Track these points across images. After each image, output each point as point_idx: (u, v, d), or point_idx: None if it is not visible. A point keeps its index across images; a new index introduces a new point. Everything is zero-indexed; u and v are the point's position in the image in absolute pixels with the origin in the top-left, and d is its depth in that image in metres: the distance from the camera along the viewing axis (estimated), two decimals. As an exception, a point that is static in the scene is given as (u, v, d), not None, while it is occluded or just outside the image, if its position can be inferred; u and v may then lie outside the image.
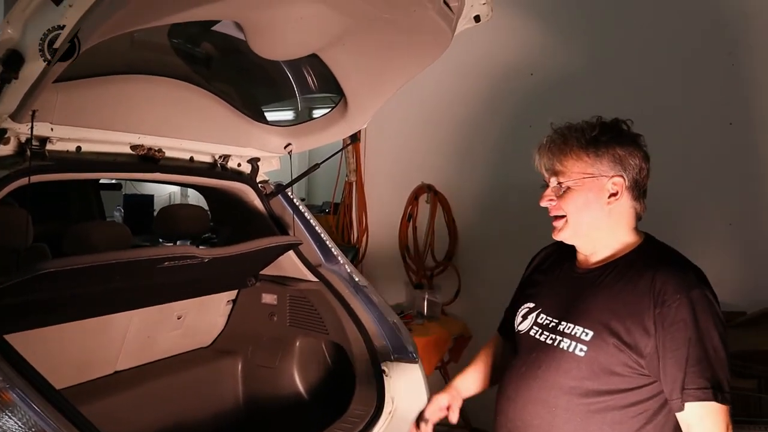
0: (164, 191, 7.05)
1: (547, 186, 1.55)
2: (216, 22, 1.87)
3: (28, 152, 1.72)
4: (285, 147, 2.47)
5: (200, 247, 2.62)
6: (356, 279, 2.54)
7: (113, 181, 6.29)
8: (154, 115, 2.04)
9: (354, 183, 4.37)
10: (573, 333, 1.47)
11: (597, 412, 1.43)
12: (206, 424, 2.59)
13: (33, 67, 1.35)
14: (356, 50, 1.96)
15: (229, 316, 2.80)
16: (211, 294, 2.63)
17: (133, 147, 2.07)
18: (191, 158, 2.33)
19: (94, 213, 4.25)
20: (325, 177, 5.10)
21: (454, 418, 1.79)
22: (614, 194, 1.48)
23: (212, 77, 2.23)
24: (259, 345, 2.72)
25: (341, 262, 2.58)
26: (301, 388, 2.63)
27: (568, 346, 1.47)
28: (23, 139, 1.75)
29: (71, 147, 1.87)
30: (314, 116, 2.45)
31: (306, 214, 2.64)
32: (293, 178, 2.56)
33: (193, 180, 2.40)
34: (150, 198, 6.77)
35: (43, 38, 1.29)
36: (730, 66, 3.51)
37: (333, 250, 2.60)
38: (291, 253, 2.51)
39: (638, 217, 1.55)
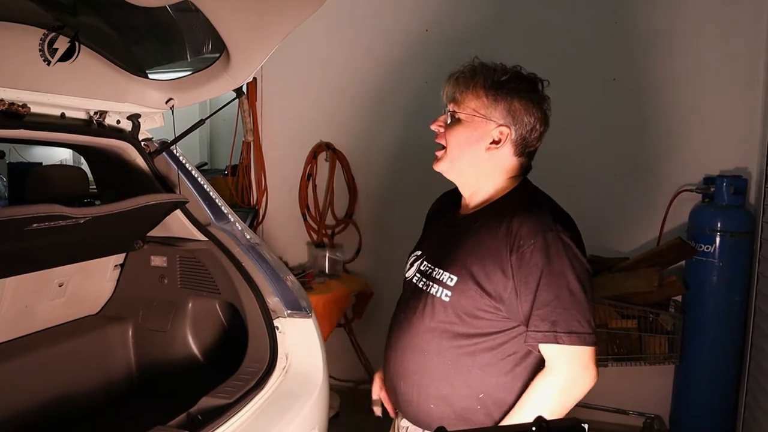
0: (55, 157, 6.60)
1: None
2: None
3: None
4: (166, 102, 2.35)
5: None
6: (248, 237, 2.49)
7: (-6, 148, 5.86)
8: (13, 66, 1.87)
9: (251, 143, 4.25)
10: (441, 279, 1.50)
11: (467, 355, 1.47)
12: (97, 392, 2.50)
13: None
14: (232, -2, 1.88)
15: (118, 281, 2.69)
16: (96, 258, 2.51)
17: (-9, 101, 1.90)
18: (62, 114, 2.17)
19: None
20: (227, 139, 4.95)
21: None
22: (496, 142, 1.49)
23: (80, 26, 2.07)
24: (151, 309, 2.64)
25: (232, 220, 2.52)
26: (195, 349, 2.58)
27: (437, 292, 1.50)
28: None
29: None
30: (196, 70, 2.34)
31: (193, 172, 2.54)
32: (177, 135, 2.45)
33: (66, 138, 2.23)
34: (38, 166, 6.33)
35: (44, 38, 1.15)
36: (614, 24, 3.66)
37: (223, 208, 2.53)
38: (178, 212, 2.42)
39: (521, 171, 1.57)
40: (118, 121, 2.40)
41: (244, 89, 2.49)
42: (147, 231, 2.49)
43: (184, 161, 2.55)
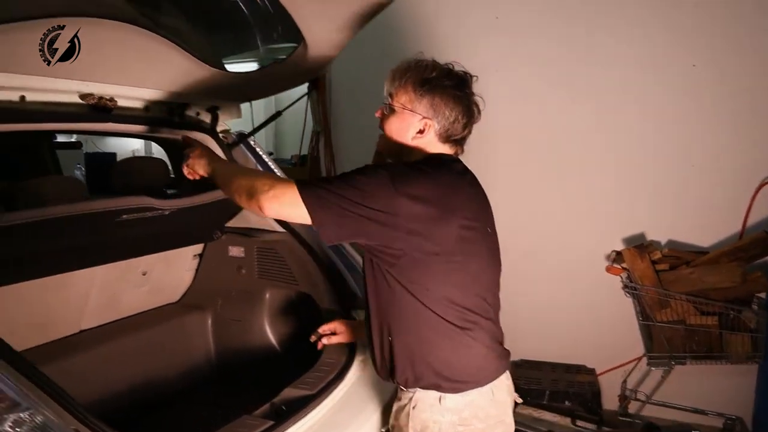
0: (128, 148, 6.81)
1: None
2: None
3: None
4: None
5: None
6: (324, 228, 2.50)
7: (73, 139, 6.08)
8: (102, 61, 1.92)
9: (320, 133, 4.27)
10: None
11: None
12: (177, 379, 2.57)
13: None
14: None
15: (197, 270, 2.76)
16: (177, 248, 2.58)
17: (83, 96, 1.96)
18: (146, 108, 2.23)
19: (50, 171, 4.09)
20: (292, 129, 4.99)
21: (326, 341, 2.06)
22: (421, 131, 1.66)
23: (162, 20, 2.11)
24: (229, 299, 2.70)
25: (308, 211, 2.53)
26: (272, 340, 2.62)
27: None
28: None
29: (14, 96, 1.74)
30: (273, 62, 2.35)
31: (270, 163, 2.58)
32: (255, 126, 2.48)
33: (149, 130, 2.31)
34: (113, 156, 6.53)
35: (44, 38, 1.18)
36: (693, 7, 3.49)
37: (299, 199, 2.55)
38: (256, 203, 2.45)
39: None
40: (198, 114, 2.45)
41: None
42: (225, 222, 2.54)
43: (260, 152, 2.59)
